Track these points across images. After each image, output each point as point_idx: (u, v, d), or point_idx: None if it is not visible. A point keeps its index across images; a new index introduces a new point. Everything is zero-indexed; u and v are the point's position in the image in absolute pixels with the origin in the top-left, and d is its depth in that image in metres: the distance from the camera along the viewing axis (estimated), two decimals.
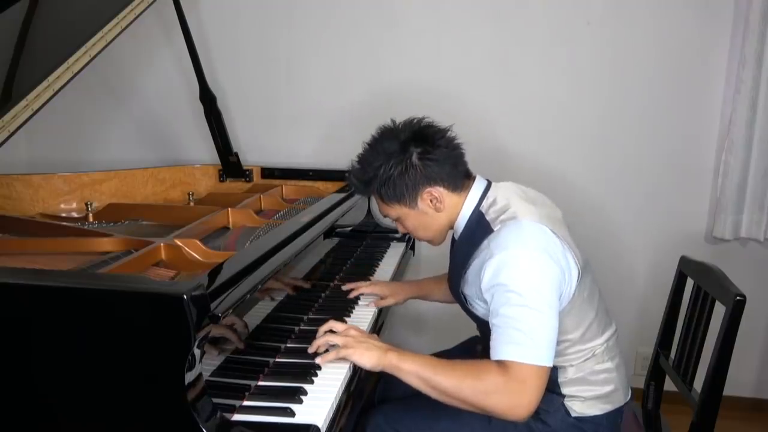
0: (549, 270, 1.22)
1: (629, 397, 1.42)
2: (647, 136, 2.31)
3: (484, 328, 1.36)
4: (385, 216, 1.44)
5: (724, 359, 1.35)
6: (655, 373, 1.67)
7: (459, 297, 1.41)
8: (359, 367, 1.30)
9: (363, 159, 1.40)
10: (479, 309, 1.36)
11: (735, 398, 2.35)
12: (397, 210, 1.38)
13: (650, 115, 2.30)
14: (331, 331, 1.31)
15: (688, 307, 1.59)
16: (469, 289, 1.35)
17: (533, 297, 1.20)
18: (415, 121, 1.37)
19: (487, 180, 1.40)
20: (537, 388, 1.18)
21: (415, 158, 1.32)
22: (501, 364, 1.19)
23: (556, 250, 1.25)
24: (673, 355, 1.63)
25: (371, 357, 1.23)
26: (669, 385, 1.62)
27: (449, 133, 1.38)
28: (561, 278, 1.24)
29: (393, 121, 1.39)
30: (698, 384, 1.44)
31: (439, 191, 1.34)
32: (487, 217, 1.32)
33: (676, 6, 2.22)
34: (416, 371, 1.21)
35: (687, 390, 1.47)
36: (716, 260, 1.56)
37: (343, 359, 1.25)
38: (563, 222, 1.38)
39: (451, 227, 1.42)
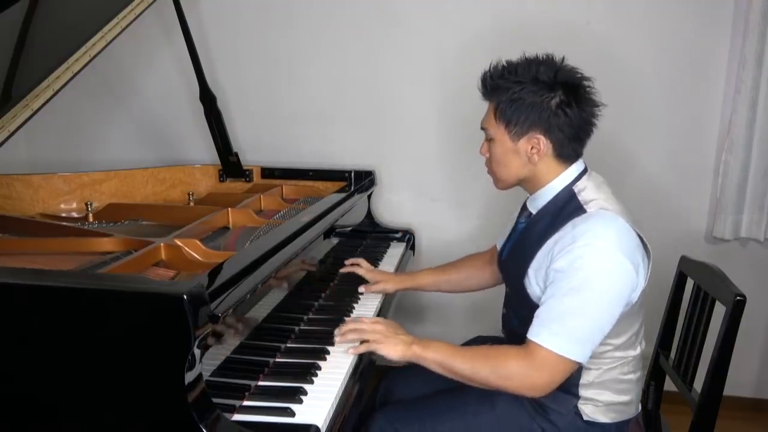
0: (626, 276, 1.21)
1: (639, 410, 1.42)
2: (647, 136, 2.31)
3: (522, 311, 1.34)
4: (482, 128, 1.39)
5: (724, 359, 1.35)
6: (655, 373, 1.67)
7: (515, 272, 1.36)
8: (358, 366, 1.31)
9: (513, 67, 1.33)
10: (536, 289, 1.31)
11: (735, 398, 2.35)
12: (498, 131, 1.33)
13: (650, 115, 2.30)
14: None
15: (688, 307, 1.59)
16: (534, 266, 1.31)
17: (596, 297, 1.19)
18: (579, 75, 1.33)
19: (586, 165, 1.38)
20: (557, 375, 1.21)
21: (554, 102, 1.28)
22: (527, 345, 1.22)
23: (638, 260, 1.23)
24: (673, 355, 1.63)
25: (398, 350, 1.30)
26: (669, 385, 1.62)
27: (598, 109, 1.34)
28: (633, 287, 1.23)
29: (562, 59, 1.34)
30: (698, 384, 1.44)
31: (545, 145, 1.30)
32: (580, 198, 1.29)
33: (676, 6, 2.22)
34: (438, 359, 1.28)
35: (687, 390, 1.47)
36: (716, 260, 1.56)
37: (366, 350, 1.32)
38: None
39: (526, 187, 1.38)
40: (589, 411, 1.32)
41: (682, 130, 2.30)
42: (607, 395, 1.32)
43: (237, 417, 1.07)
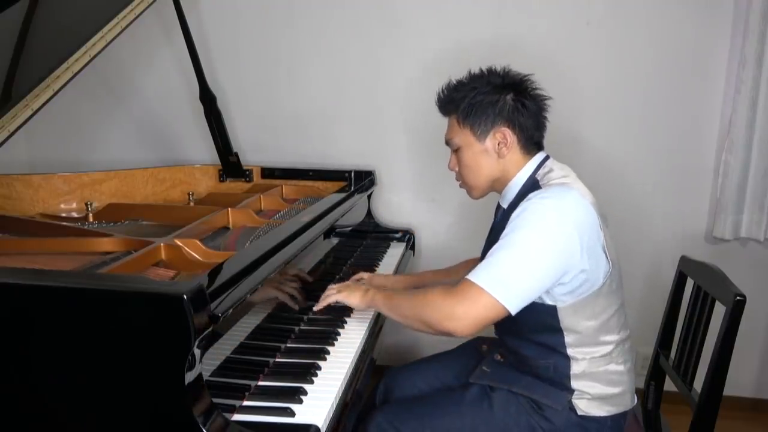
0: (567, 236, 1.23)
1: (635, 402, 1.43)
2: (647, 136, 2.31)
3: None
4: (447, 141, 1.46)
5: (724, 359, 1.35)
6: (655, 373, 1.67)
7: None
8: (358, 366, 1.31)
9: (463, 80, 1.44)
10: None
11: (735, 398, 2.35)
12: (464, 137, 1.40)
13: (650, 115, 2.30)
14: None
15: (688, 307, 1.59)
16: None
17: (533, 245, 1.22)
18: (522, 75, 1.42)
19: (547, 154, 1.43)
20: (480, 312, 1.21)
21: (509, 97, 1.37)
22: (460, 281, 1.25)
23: (585, 229, 1.26)
24: (673, 355, 1.63)
25: (356, 296, 1.44)
26: (669, 385, 1.62)
27: (545, 100, 1.43)
28: (576, 255, 1.24)
29: (503, 68, 1.44)
30: (698, 384, 1.44)
31: (511, 137, 1.38)
32: (541, 182, 1.34)
33: (676, 6, 2.22)
34: (386, 302, 1.39)
35: (687, 390, 1.47)
36: (716, 260, 1.56)
37: (328, 302, 1.45)
38: (604, 215, 1.38)
39: (497, 189, 1.44)
40: (583, 405, 1.33)
41: (682, 130, 2.30)
42: (599, 387, 1.33)
43: (237, 417, 1.07)
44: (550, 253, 1.23)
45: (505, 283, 1.21)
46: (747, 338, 1.83)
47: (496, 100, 1.36)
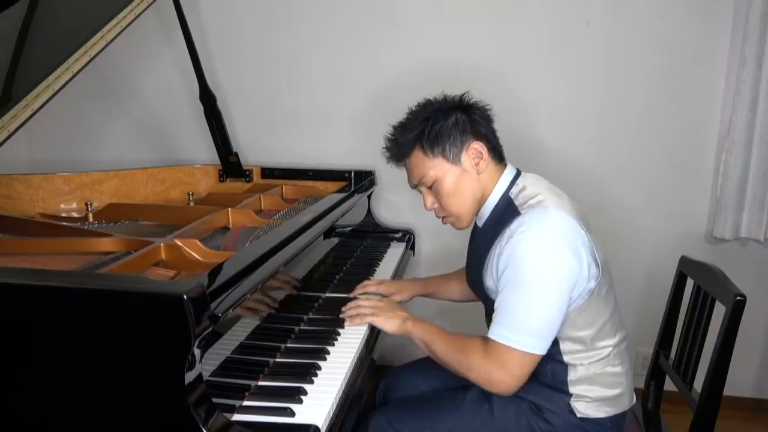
0: (563, 260, 1.24)
1: (634, 401, 1.43)
2: (647, 136, 2.31)
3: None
4: (419, 182, 1.43)
5: (724, 359, 1.35)
6: (655, 373, 1.67)
7: (478, 286, 1.41)
8: (358, 366, 1.31)
9: (405, 121, 1.43)
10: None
11: (735, 398, 2.35)
12: (438, 167, 1.38)
13: (650, 115, 2.30)
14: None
15: (688, 307, 1.59)
16: (489, 276, 1.35)
17: (537, 283, 1.23)
18: (460, 95, 1.42)
19: (517, 168, 1.42)
20: (517, 371, 1.25)
21: (461, 114, 1.37)
22: (488, 342, 1.27)
23: (576, 243, 1.26)
24: (673, 355, 1.63)
25: (393, 324, 1.42)
26: (669, 385, 1.62)
27: (488, 110, 1.42)
28: (577, 272, 1.25)
29: (435, 98, 1.44)
30: (698, 384, 1.44)
31: (483, 149, 1.37)
32: (516, 202, 1.33)
33: (676, 6, 2.22)
34: (423, 339, 1.38)
35: (687, 390, 1.47)
36: (716, 260, 1.56)
37: (362, 322, 1.45)
38: (586, 218, 1.38)
39: (477, 209, 1.42)
40: (582, 408, 1.33)
41: (682, 130, 2.30)
42: (598, 390, 1.33)
43: (237, 417, 1.07)
44: (557, 285, 1.24)
45: (528, 333, 1.23)
46: (747, 338, 1.83)
47: (454, 121, 1.36)
